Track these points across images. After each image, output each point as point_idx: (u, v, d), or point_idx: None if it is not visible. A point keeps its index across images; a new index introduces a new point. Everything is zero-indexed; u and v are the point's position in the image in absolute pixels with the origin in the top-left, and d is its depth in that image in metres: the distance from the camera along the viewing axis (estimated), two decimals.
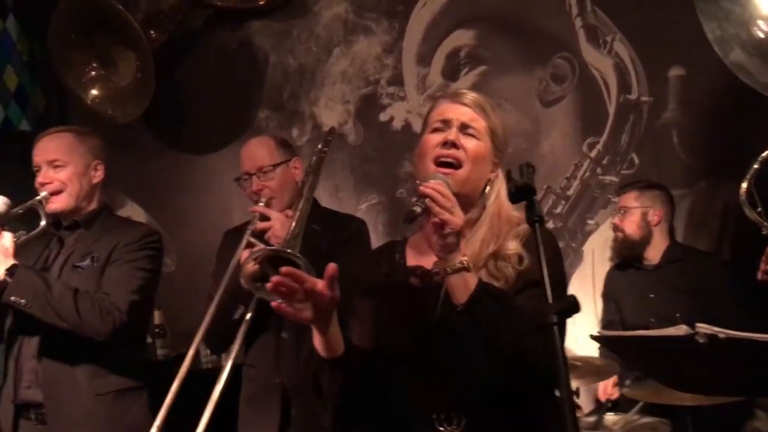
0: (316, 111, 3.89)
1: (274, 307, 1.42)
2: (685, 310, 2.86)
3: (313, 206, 2.24)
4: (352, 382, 1.54)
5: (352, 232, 2.57)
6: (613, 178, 3.44)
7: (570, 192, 3.49)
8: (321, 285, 1.41)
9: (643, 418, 2.75)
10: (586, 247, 3.48)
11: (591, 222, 3.49)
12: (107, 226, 2.50)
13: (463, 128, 1.63)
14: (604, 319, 3.26)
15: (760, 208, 2.28)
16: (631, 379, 2.95)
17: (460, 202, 1.52)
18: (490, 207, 1.63)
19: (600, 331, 2.91)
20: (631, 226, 3.14)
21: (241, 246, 2.33)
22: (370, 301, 1.64)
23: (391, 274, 1.68)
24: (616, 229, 3.20)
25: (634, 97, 3.39)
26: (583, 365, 2.79)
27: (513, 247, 1.57)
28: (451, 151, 1.60)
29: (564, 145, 3.52)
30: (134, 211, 4.06)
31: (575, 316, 1.35)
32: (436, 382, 1.55)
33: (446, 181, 1.53)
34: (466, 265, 1.46)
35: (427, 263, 1.63)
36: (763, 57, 2.58)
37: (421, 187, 1.47)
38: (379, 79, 3.79)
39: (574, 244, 3.48)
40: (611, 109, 3.43)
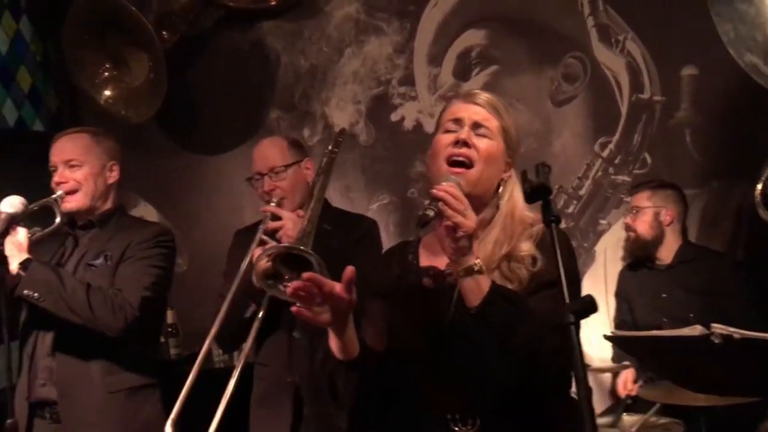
0: (328, 111, 3.89)
1: (294, 312, 1.42)
2: (698, 310, 2.85)
3: (324, 206, 2.24)
4: (367, 384, 1.54)
5: (363, 231, 2.58)
6: (626, 178, 3.42)
7: (582, 192, 3.48)
8: (339, 288, 1.41)
9: (656, 419, 2.74)
10: (598, 247, 3.47)
11: (603, 222, 3.48)
12: (121, 225, 2.51)
13: (476, 127, 1.62)
14: (617, 318, 3.25)
15: None
16: (644, 380, 2.94)
17: (473, 202, 1.52)
18: (504, 207, 1.62)
19: (614, 331, 2.91)
20: (644, 226, 3.13)
21: (253, 244, 2.34)
22: (384, 302, 1.64)
23: (403, 275, 1.68)
24: (628, 228, 3.20)
25: (646, 96, 3.38)
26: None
27: (526, 248, 1.56)
28: (463, 150, 1.60)
29: (576, 144, 3.50)
30: (147, 211, 4.08)
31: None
32: (449, 383, 1.54)
33: (458, 182, 1.53)
34: (479, 268, 1.46)
35: (440, 264, 1.63)
36: None
37: (433, 190, 1.47)
38: (391, 79, 3.79)
39: (586, 244, 3.47)
40: (623, 109, 3.42)
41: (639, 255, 3.19)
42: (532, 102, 3.52)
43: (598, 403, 3.22)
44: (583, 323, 1.36)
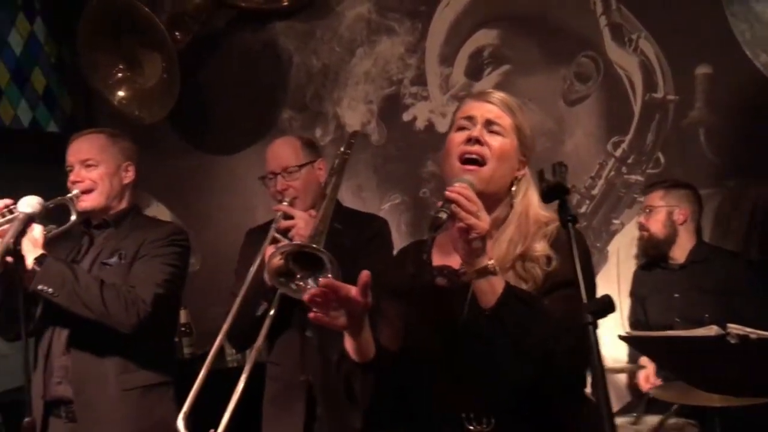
0: (340, 111, 3.90)
1: (312, 318, 1.43)
2: (711, 310, 2.83)
3: (336, 206, 2.25)
4: (382, 384, 1.54)
5: (374, 231, 2.58)
6: (639, 178, 3.41)
7: (595, 191, 3.47)
8: (355, 292, 1.41)
9: (674, 420, 2.72)
10: (611, 247, 3.46)
11: (616, 221, 3.46)
12: (136, 225, 2.52)
13: (488, 125, 1.62)
14: (631, 318, 3.24)
15: None
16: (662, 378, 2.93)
17: (486, 200, 1.52)
18: (518, 206, 1.62)
19: (628, 332, 2.89)
20: (656, 225, 3.12)
21: (266, 242, 2.34)
22: (398, 302, 1.64)
23: (417, 274, 1.67)
24: (641, 228, 3.19)
25: (659, 95, 3.36)
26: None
27: (541, 248, 1.55)
28: (475, 148, 1.60)
29: (588, 144, 3.49)
30: (159, 211, 4.10)
31: None
32: (463, 383, 1.54)
33: (471, 182, 1.52)
34: (493, 269, 1.45)
35: (454, 263, 1.62)
36: None
37: (446, 192, 1.46)
38: (402, 79, 3.78)
39: (598, 244, 3.45)
40: (636, 108, 3.40)
41: (652, 254, 3.18)
42: (544, 101, 3.51)
43: (612, 402, 3.21)
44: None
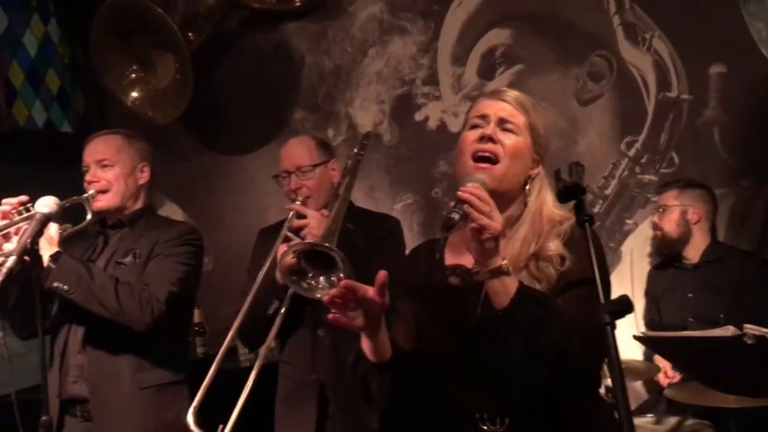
0: (352, 111, 3.90)
1: (330, 319, 1.44)
2: (724, 309, 2.82)
3: (348, 206, 2.25)
4: (397, 384, 1.54)
5: (386, 230, 2.57)
6: (652, 177, 3.39)
7: (608, 191, 3.46)
8: (372, 292, 1.41)
9: (691, 422, 2.71)
10: (625, 247, 3.44)
11: (629, 221, 3.45)
12: (150, 225, 2.54)
13: (502, 123, 1.61)
14: (646, 317, 3.23)
15: None
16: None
17: (499, 198, 1.51)
18: (532, 204, 1.61)
19: (643, 332, 2.88)
20: (670, 225, 3.11)
21: (278, 240, 2.34)
22: (412, 301, 1.64)
23: (430, 273, 1.67)
24: (655, 227, 3.18)
25: (673, 95, 3.35)
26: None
27: (554, 247, 1.54)
28: (488, 146, 1.59)
29: (601, 144, 3.48)
30: (173, 211, 4.12)
31: None
32: (476, 383, 1.54)
33: (483, 181, 1.51)
34: (506, 269, 1.45)
35: (467, 262, 1.62)
36: None
37: (459, 192, 1.46)
38: (414, 78, 3.78)
39: (612, 244, 3.44)
40: (650, 108, 3.39)
41: (666, 254, 3.17)
42: (557, 101, 3.50)
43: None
44: None
